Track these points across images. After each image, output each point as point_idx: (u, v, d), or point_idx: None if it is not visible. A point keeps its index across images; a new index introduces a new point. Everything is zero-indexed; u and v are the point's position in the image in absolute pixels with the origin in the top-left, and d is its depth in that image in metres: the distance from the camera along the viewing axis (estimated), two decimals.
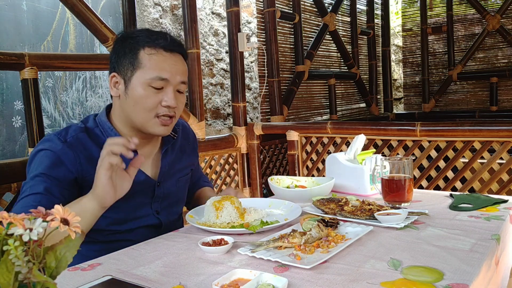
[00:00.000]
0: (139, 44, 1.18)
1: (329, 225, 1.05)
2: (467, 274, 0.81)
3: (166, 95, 1.18)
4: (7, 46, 2.22)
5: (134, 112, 1.19)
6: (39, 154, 1.17)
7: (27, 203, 1.08)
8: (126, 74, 1.19)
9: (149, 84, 1.16)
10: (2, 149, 2.22)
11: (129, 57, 1.18)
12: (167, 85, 1.18)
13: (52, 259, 0.52)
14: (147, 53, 1.17)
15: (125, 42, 1.21)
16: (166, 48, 1.19)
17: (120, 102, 1.22)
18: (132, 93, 1.18)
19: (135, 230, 1.22)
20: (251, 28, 3.58)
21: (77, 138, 1.18)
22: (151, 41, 1.18)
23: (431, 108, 5.53)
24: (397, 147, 2.54)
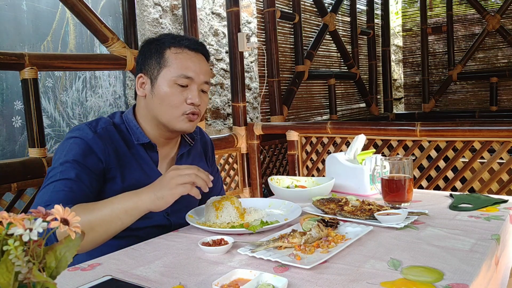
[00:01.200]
0: (165, 45, 1.25)
1: (329, 225, 1.05)
2: (467, 274, 0.81)
3: (190, 92, 1.24)
4: (7, 46, 2.22)
5: (160, 110, 1.24)
6: (70, 141, 1.19)
7: (59, 187, 1.11)
8: (152, 73, 1.25)
9: (174, 81, 1.22)
10: (2, 149, 2.22)
11: (155, 57, 1.25)
12: (191, 83, 1.24)
13: (52, 259, 0.52)
14: (173, 52, 1.24)
15: (151, 45, 1.28)
16: (190, 47, 1.26)
17: (146, 101, 1.27)
18: (158, 91, 1.23)
19: (144, 229, 1.23)
20: (251, 28, 3.58)
21: (107, 130, 1.23)
22: (176, 42, 1.26)
23: (431, 108, 5.53)
24: (397, 147, 2.54)
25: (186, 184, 1.03)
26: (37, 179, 1.85)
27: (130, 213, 1.05)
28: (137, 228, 1.22)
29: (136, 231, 1.22)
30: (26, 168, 1.82)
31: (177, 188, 1.03)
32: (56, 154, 1.18)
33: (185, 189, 1.03)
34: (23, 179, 1.80)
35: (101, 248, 1.19)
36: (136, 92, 1.30)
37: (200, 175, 1.05)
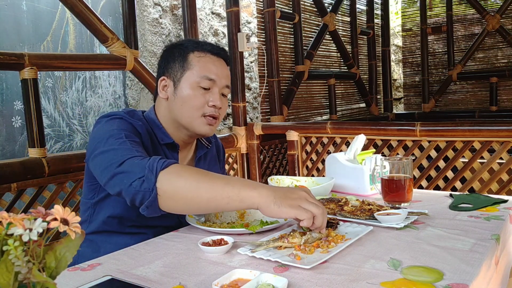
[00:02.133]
0: (188, 49, 1.29)
1: (329, 225, 1.05)
2: (467, 274, 0.81)
3: (212, 95, 1.27)
4: (6, 46, 2.22)
5: (181, 112, 1.26)
6: (115, 121, 1.19)
7: (127, 145, 1.10)
8: (175, 76, 1.28)
9: (197, 84, 1.25)
10: (2, 149, 2.22)
11: (178, 61, 1.28)
12: (213, 86, 1.27)
13: (52, 259, 0.52)
14: (196, 56, 1.28)
15: (174, 49, 1.31)
16: (213, 51, 1.30)
17: (168, 104, 1.29)
18: (181, 93, 1.26)
19: (154, 228, 1.24)
20: (251, 28, 3.58)
21: (142, 122, 1.26)
22: (199, 46, 1.30)
23: (431, 108, 5.53)
24: (397, 147, 2.54)
25: (308, 213, 0.93)
26: (37, 179, 1.85)
27: (241, 199, 0.97)
28: (147, 226, 1.24)
29: (146, 229, 1.24)
30: (26, 168, 1.82)
31: (297, 209, 0.93)
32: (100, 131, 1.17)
33: (302, 215, 0.93)
34: (23, 179, 1.80)
35: (106, 246, 1.21)
36: (157, 95, 1.32)
37: (324, 217, 0.96)
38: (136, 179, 1.00)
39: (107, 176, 1.07)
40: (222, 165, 1.55)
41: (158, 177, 0.99)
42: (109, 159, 1.08)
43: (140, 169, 1.01)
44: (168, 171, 1.00)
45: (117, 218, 1.23)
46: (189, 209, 1.04)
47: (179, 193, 0.99)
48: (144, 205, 1.01)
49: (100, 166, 1.10)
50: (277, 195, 0.95)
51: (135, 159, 1.05)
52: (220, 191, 0.98)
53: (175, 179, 1.00)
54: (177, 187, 0.99)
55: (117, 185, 1.05)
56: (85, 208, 1.28)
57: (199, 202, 0.99)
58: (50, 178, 1.90)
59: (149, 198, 0.99)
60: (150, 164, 1.01)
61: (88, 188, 1.27)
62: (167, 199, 1.00)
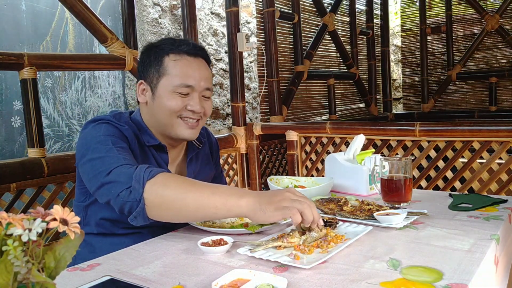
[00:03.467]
0: (164, 52, 1.23)
1: (328, 225, 1.05)
2: (467, 274, 0.81)
3: (192, 100, 1.22)
4: (6, 46, 2.22)
5: (160, 116, 1.23)
6: (102, 126, 1.17)
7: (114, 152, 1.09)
8: (152, 82, 1.24)
9: (174, 90, 1.21)
10: (1, 149, 2.21)
11: (154, 65, 1.23)
12: (192, 91, 1.22)
13: (51, 259, 0.51)
14: (171, 59, 1.22)
15: (150, 51, 1.26)
16: (189, 52, 1.23)
17: (148, 108, 1.27)
18: (158, 99, 1.22)
19: (149, 228, 1.23)
20: (251, 28, 3.58)
21: (129, 125, 1.23)
22: (175, 48, 1.23)
23: (430, 108, 5.54)
24: (396, 147, 2.54)
25: (293, 209, 0.93)
26: (36, 179, 1.85)
27: (228, 208, 0.97)
28: (141, 226, 1.23)
29: (140, 228, 1.22)
30: (25, 168, 1.82)
31: (282, 210, 0.93)
32: (87, 136, 1.16)
33: (287, 214, 0.93)
34: (22, 179, 1.80)
35: (102, 246, 1.20)
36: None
37: (312, 210, 0.95)
38: (124, 189, 1.01)
39: (95, 185, 1.07)
40: (216, 161, 1.51)
41: (145, 187, 0.99)
42: (96, 167, 1.07)
43: (127, 179, 1.01)
44: (155, 181, 1.00)
45: (110, 220, 1.22)
46: (177, 218, 1.04)
47: (166, 203, 0.99)
48: (132, 215, 1.02)
49: (88, 174, 1.10)
50: (262, 201, 0.95)
51: (122, 168, 1.05)
52: (206, 201, 0.98)
53: (161, 189, 0.99)
54: (164, 197, 0.99)
55: (105, 195, 1.05)
56: (78, 210, 1.27)
57: (186, 212, 1.00)
58: (49, 178, 1.90)
59: (136, 208, 1.00)
60: (137, 174, 1.01)
61: (79, 191, 1.26)
62: (154, 209, 1.00)
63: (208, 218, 1.02)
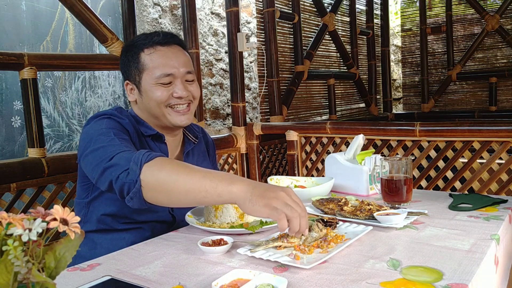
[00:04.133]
0: (138, 48, 1.27)
1: (328, 225, 1.05)
2: (467, 274, 0.81)
3: (175, 87, 1.26)
4: (6, 46, 2.22)
5: (151, 110, 1.27)
6: (104, 120, 1.20)
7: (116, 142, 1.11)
8: (135, 80, 1.28)
9: (157, 82, 1.25)
10: (1, 149, 2.21)
11: (133, 64, 1.29)
12: (174, 79, 1.26)
13: (51, 259, 0.51)
14: (146, 54, 1.26)
15: (127, 52, 1.30)
16: (161, 42, 1.27)
17: (138, 105, 1.32)
18: (145, 94, 1.27)
19: (149, 223, 1.26)
20: (251, 28, 3.58)
21: (129, 119, 1.27)
22: (148, 42, 1.27)
23: (430, 108, 5.53)
24: (396, 147, 2.54)
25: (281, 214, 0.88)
26: (37, 179, 1.85)
27: (219, 193, 0.94)
28: (141, 221, 1.26)
29: (140, 224, 1.26)
30: (25, 168, 1.82)
31: (271, 209, 0.88)
32: (89, 131, 1.18)
33: (275, 216, 0.88)
34: (23, 179, 1.80)
35: (102, 242, 1.22)
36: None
37: (302, 221, 0.89)
38: (123, 171, 1.03)
39: (98, 172, 1.09)
40: (213, 160, 1.55)
41: (142, 169, 1.00)
42: (99, 156, 1.09)
43: (126, 162, 1.03)
44: (152, 164, 1.01)
45: (111, 215, 1.24)
46: (171, 201, 1.03)
47: (160, 185, 1.00)
48: (129, 196, 1.02)
49: (91, 164, 1.12)
50: (254, 193, 0.91)
51: (123, 154, 1.07)
52: (197, 184, 0.96)
53: (157, 171, 1.00)
54: (158, 179, 1.00)
55: (107, 179, 1.07)
56: (79, 208, 1.30)
57: (178, 194, 0.99)
58: (49, 178, 1.89)
59: (133, 189, 1.01)
60: (135, 157, 1.03)
61: (81, 188, 1.29)
62: (149, 191, 1.01)
63: (199, 202, 1.00)
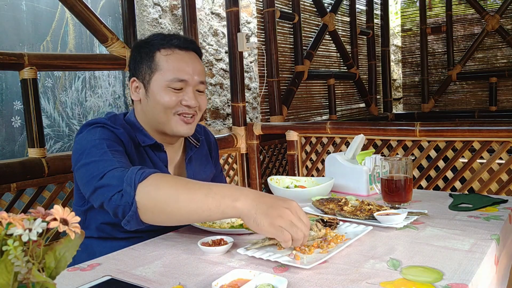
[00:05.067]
0: (155, 47, 1.21)
1: (327, 225, 1.05)
2: (467, 274, 0.81)
3: (186, 94, 1.20)
4: (6, 46, 2.22)
5: (155, 114, 1.21)
6: (97, 129, 1.15)
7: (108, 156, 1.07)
8: (144, 78, 1.22)
9: (168, 86, 1.19)
10: (2, 149, 2.22)
11: (146, 61, 1.21)
12: (186, 86, 1.21)
13: (51, 259, 0.52)
14: (163, 54, 1.20)
15: (140, 48, 1.24)
16: (180, 46, 1.22)
17: (142, 106, 1.25)
18: (152, 96, 1.21)
19: (149, 232, 1.21)
20: (251, 28, 3.58)
21: (124, 127, 1.22)
22: (166, 42, 1.21)
23: (431, 108, 5.53)
24: (396, 147, 2.54)
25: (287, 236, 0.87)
26: (37, 179, 1.85)
27: (223, 210, 0.92)
28: (142, 231, 1.20)
29: (142, 233, 1.21)
30: (25, 168, 1.82)
31: (277, 230, 0.87)
32: (82, 141, 1.14)
33: (280, 237, 0.87)
34: (23, 179, 1.80)
35: (102, 250, 1.19)
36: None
37: (305, 240, 0.90)
38: (115, 193, 0.98)
39: (89, 190, 1.05)
40: (215, 160, 1.50)
41: (137, 190, 0.96)
42: (90, 172, 1.05)
43: (118, 182, 0.99)
44: (147, 183, 0.96)
45: (110, 224, 1.20)
46: (171, 222, 1.00)
47: (159, 206, 0.96)
48: (125, 220, 0.99)
49: (83, 179, 1.08)
50: (258, 210, 0.89)
51: (115, 172, 1.02)
52: (200, 204, 0.93)
53: (154, 191, 0.96)
54: (156, 200, 0.95)
55: (98, 199, 1.03)
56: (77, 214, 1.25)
57: (180, 215, 0.96)
58: (49, 178, 1.90)
59: (129, 212, 0.97)
60: (128, 176, 0.98)
61: (78, 196, 1.24)
62: (147, 212, 0.97)
63: (203, 220, 0.98)
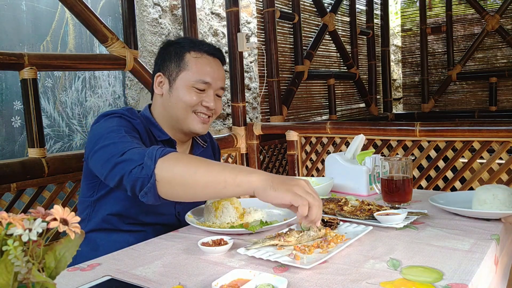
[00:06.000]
0: (185, 48, 1.31)
1: (328, 225, 1.05)
2: (467, 274, 0.81)
3: (207, 96, 1.30)
4: (6, 46, 2.22)
5: (175, 109, 1.29)
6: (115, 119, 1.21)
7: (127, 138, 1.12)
8: (171, 75, 1.30)
9: (192, 85, 1.28)
10: (2, 149, 2.22)
11: (175, 60, 1.30)
12: (208, 88, 1.30)
13: (51, 259, 0.52)
14: (192, 56, 1.30)
15: (170, 47, 1.34)
16: (209, 52, 1.32)
17: (163, 100, 1.32)
18: (176, 92, 1.29)
19: (154, 226, 1.27)
20: (251, 28, 3.58)
21: (140, 119, 1.29)
22: (196, 46, 1.32)
23: (431, 108, 5.53)
24: (396, 147, 2.54)
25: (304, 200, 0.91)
26: (37, 179, 1.85)
27: (238, 183, 0.96)
28: (147, 224, 1.27)
29: (146, 226, 1.27)
30: (25, 168, 1.82)
31: (294, 195, 0.92)
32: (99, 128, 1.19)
33: (298, 201, 0.91)
34: (23, 179, 1.80)
35: (105, 243, 1.22)
36: (153, 91, 1.35)
37: (320, 210, 0.94)
38: (136, 166, 1.03)
39: (108, 167, 1.08)
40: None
41: (156, 164, 1.00)
42: (109, 151, 1.10)
43: (139, 157, 1.03)
44: (167, 158, 1.02)
45: (117, 215, 1.25)
46: (187, 194, 1.03)
47: (177, 179, 1.00)
48: (143, 191, 1.02)
49: (100, 160, 1.12)
50: (274, 180, 0.94)
51: (135, 149, 1.07)
52: (216, 176, 0.98)
53: (173, 165, 1.01)
54: (175, 173, 1.00)
55: (117, 174, 1.06)
56: (84, 206, 1.30)
57: (196, 187, 1.00)
58: (49, 178, 1.90)
59: (147, 184, 1.01)
60: (149, 152, 1.03)
61: (86, 186, 1.28)
62: (165, 185, 1.01)
63: (218, 194, 1.02)
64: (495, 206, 1.12)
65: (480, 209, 1.14)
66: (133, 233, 1.25)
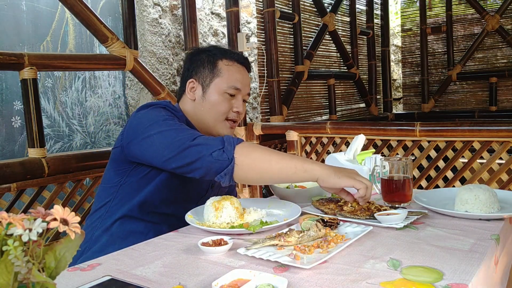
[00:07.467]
0: (217, 56, 1.40)
1: (327, 225, 1.05)
2: (467, 274, 0.81)
3: (237, 102, 1.40)
4: (6, 46, 2.22)
5: (208, 114, 1.39)
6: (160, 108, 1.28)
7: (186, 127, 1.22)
8: (205, 81, 1.39)
9: (225, 91, 1.38)
10: (2, 149, 2.22)
11: (208, 67, 1.39)
12: (238, 94, 1.40)
13: (51, 259, 0.52)
14: (225, 63, 1.40)
15: (201, 54, 1.43)
16: (239, 61, 1.43)
17: (195, 105, 1.41)
18: (209, 98, 1.39)
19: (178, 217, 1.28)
20: (251, 28, 3.58)
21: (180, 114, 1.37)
22: (227, 54, 1.42)
23: (431, 108, 5.54)
24: (396, 147, 2.54)
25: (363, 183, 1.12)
26: (37, 179, 1.85)
27: (305, 169, 1.12)
28: (171, 215, 1.32)
29: (170, 217, 1.32)
30: (25, 168, 1.82)
31: (354, 180, 1.12)
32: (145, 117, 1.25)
33: (359, 184, 1.12)
34: (23, 179, 1.80)
35: (120, 232, 1.28)
36: (182, 94, 1.43)
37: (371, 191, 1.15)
38: (217, 149, 1.13)
39: (175, 150, 1.15)
40: None
41: (235, 149, 1.13)
42: (173, 136, 1.17)
43: (218, 142, 1.14)
44: (244, 145, 1.16)
45: (140, 203, 1.29)
46: (263, 178, 1.17)
47: (255, 163, 1.14)
48: (223, 173, 1.12)
49: (160, 144, 1.18)
50: (335, 169, 1.13)
51: (203, 136, 1.17)
52: (288, 163, 1.13)
53: (251, 151, 1.15)
54: (253, 158, 1.14)
55: (190, 156, 1.14)
56: (105, 194, 1.33)
57: (271, 171, 1.14)
58: (49, 178, 1.90)
59: (227, 167, 1.12)
60: (227, 138, 1.15)
61: (114, 173, 1.33)
62: (243, 168, 1.13)
63: (288, 179, 1.16)
64: (476, 207, 1.17)
65: (462, 209, 1.19)
66: (149, 223, 1.29)
